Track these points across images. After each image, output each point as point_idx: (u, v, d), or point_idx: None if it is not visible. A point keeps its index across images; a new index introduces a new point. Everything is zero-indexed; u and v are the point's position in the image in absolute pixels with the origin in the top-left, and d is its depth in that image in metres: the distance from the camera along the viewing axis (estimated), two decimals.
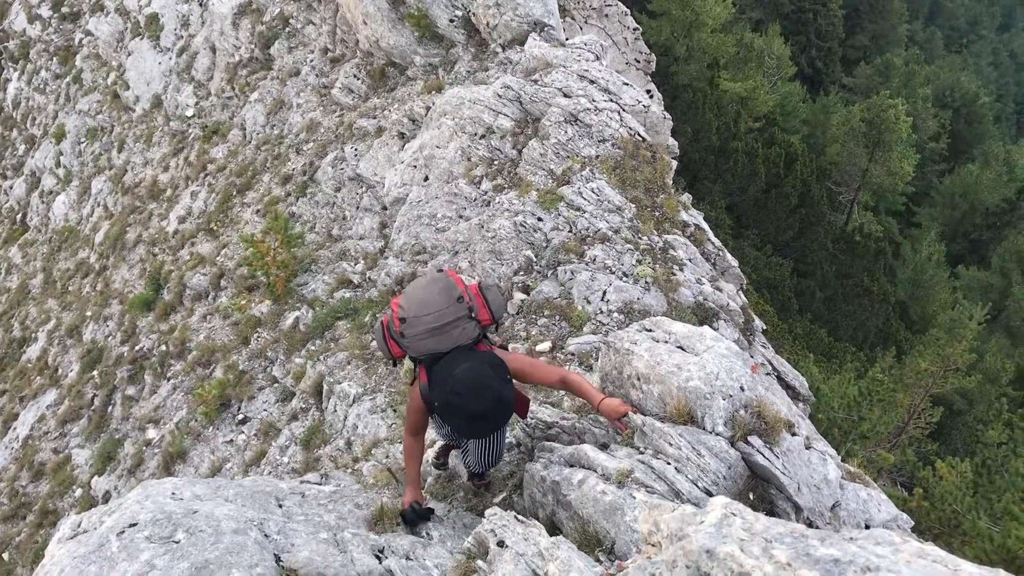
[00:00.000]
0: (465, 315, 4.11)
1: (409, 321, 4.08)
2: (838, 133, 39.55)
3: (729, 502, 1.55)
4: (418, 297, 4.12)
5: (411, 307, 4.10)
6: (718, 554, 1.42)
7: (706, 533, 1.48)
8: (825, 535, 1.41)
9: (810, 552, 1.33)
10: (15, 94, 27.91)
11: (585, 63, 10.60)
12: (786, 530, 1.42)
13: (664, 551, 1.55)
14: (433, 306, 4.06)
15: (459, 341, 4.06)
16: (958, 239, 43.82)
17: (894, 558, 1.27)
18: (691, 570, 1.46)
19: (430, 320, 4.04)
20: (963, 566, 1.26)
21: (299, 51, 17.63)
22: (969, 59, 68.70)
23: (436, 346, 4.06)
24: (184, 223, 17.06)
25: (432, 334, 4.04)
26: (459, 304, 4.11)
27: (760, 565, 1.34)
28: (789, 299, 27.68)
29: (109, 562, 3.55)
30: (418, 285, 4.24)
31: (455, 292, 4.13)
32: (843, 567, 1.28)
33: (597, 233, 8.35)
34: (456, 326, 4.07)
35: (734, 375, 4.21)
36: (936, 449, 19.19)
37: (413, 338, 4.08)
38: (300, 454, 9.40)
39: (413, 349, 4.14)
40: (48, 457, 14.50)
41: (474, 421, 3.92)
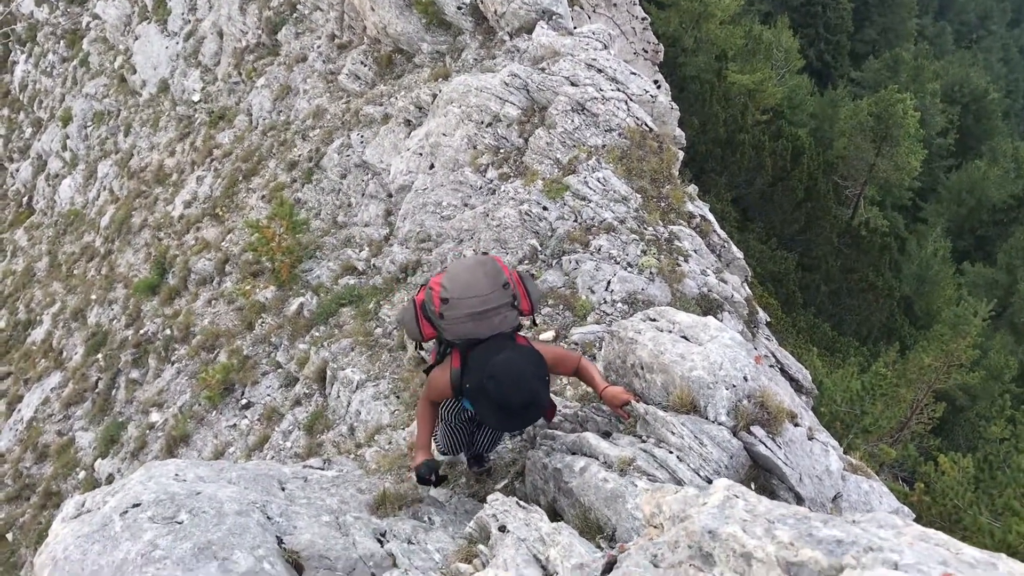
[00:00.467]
0: (508, 303, 3.99)
1: (452, 302, 3.91)
2: (845, 127, 39.36)
3: (732, 484, 1.55)
4: (463, 279, 3.95)
5: (455, 288, 3.92)
6: (720, 534, 1.43)
7: (709, 514, 1.48)
8: (828, 518, 1.41)
9: (812, 533, 1.34)
10: (22, 77, 27.92)
11: (593, 52, 10.57)
12: (789, 512, 1.43)
13: (666, 532, 1.56)
14: (478, 289, 3.91)
15: (499, 328, 3.95)
16: (964, 235, 43.67)
17: (896, 540, 1.27)
18: (693, 550, 1.46)
19: (474, 304, 3.89)
20: (965, 549, 1.26)
21: (306, 37, 17.60)
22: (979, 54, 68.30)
23: (475, 331, 3.93)
24: (190, 208, 17.07)
25: (473, 319, 3.90)
26: (504, 291, 3.97)
27: (762, 545, 1.34)
28: (793, 293, 27.62)
29: (112, 541, 3.57)
30: (463, 266, 4.06)
31: (501, 278, 3.99)
32: (845, 547, 1.29)
33: (602, 223, 8.34)
34: (498, 313, 3.94)
35: (738, 365, 4.22)
36: (938, 445, 19.19)
37: (453, 320, 3.93)
38: (303, 439, 9.43)
39: (450, 332, 4.00)
40: (52, 439, 14.56)
41: (503, 413, 3.78)
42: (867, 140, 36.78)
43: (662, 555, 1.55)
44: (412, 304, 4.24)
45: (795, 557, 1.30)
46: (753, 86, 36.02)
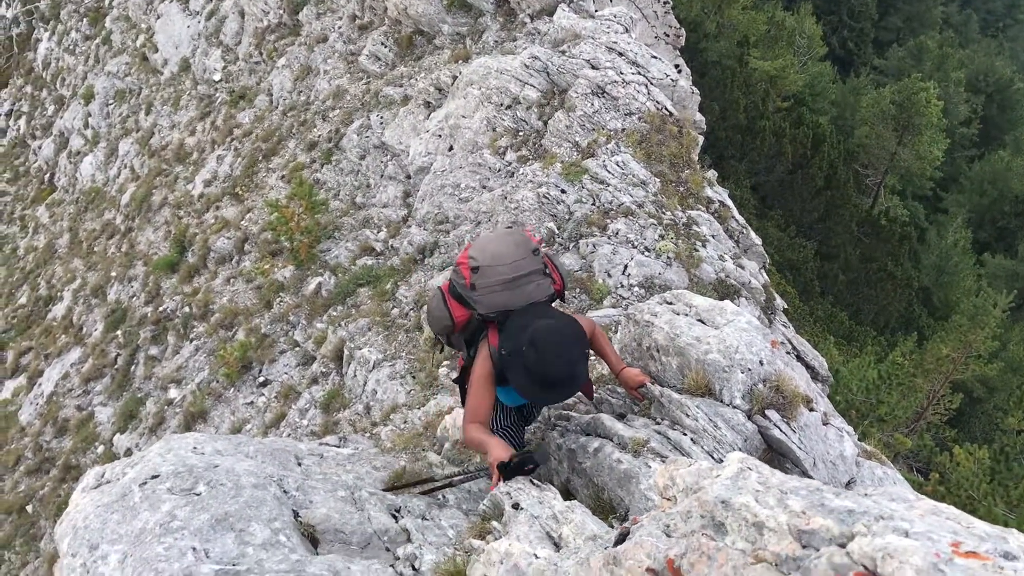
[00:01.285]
0: (540, 269, 3.82)
1: (482, 270, 3.74)
2: (867, 115, 39.02)
3: (745, 457, 1.57)
4: (491, 248, 3.80)
5: (484, 256, 3.77)
6: (733, 504, 1.44)
7: (722, 485, 1.50)
8: (840, 490, 1.43)
9: (824, 503, 1.35)
10: (45, 54, 28.07)
11: (614, 35, 10.53)
12: (801, 484, 1.44)
13: (680, 503, 1.58)
14: (508, 257, 3.75)
15: (533, 297, 3.76)
16: (985, 226, 43.24)
17: (908, 512, 1.28)
18: (706, 519, 1.48)
19: (505, 271, 3.73)
20: (976, 523, 1.28)
21: (327, 17, 17.60)
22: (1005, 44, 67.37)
23: (509, 300, 3.73)
24: (210, 187, 17.16)
25: (506, 287, 3.73)
26: (535, 257, 3.82)
27: (775, 515, 1.36)
28: (811, 281, 27.50)
29: (131, 511, 3.63)
30: (490, 238, 3.93)
31: (530, 244, 3.85)
32: (857, 516, 1.30)
33: (620, 207, 8.33)
34: (531, 280, 3.77)
35: (754, 349, 4.22)
36: (954, 436, 19.10)
37: (485, 290, 3.74)
38: (319, 417, 9.51)
39: (484, 304, 3.77)
40: (72, 414, 14.73)
41: (541, 385, 3.56)
42: (889, 129, 36.46)
43: (675, 525, 1.57)
44: (438, 291, 4.02)
45: (807, 525, 1.32)
46: (775, 72, 35.76)
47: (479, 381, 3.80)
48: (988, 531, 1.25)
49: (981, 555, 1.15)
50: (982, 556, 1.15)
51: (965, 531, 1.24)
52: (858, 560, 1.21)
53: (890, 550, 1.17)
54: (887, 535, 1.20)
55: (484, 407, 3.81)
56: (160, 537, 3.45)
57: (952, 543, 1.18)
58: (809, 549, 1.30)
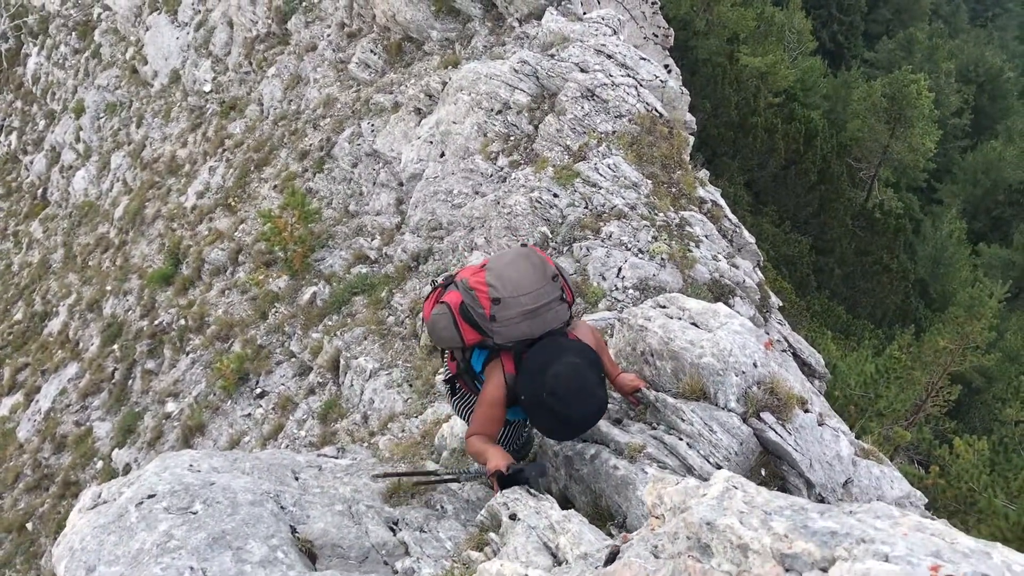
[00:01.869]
0: (559, 296, 3.66)
1: (504, 302, 3.55)
2: (859, 108, 39.07)
3: (731, 475, 1.57)
4: (511, 276, 3.60)
5: (505, 287, 3.57)
6: (718, 526, 1.44)
7: (707, 505, 1.50)
8: (825, 508, 1.43)
9: (808, 525, 1.35)
10: (35, 69, 28.04)
11: (602, 38, 10.53)
12: (786, 503, 1.44)
13: (667, 523, 1.58)
14: (528, 285, 3.58)
15: (551, 325, 3.62)
16: (980, 216, 43.33)
17: (892, 531, 1.28)
18: (692, 541, 1.48)
19: (526, 302, 3.56)
20: (960, 539, 1.28)
21: (316, 26, 17.60)
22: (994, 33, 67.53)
23: (529, 331, 3.58)
24: (202, 198, 17.15)
25: (527, 317, 3.56)
26: (554, 283, 3.65)
27: (758, 537, 1.36)
28: (807, 276, 27.54)
29: (128, 532, 3.63)
30: (505, 261, 3.71)
31: (549, 270, 3.67)
32: (839, 539, 1.30)
33: (613, 209, 8.33)
34: (550, 308, 3.62)
35: (747, 351, 4.22)
36: (954, 427, 19.12)
37: (507, 322, 3.56)
38: (317, 428, 9.50)
39: (504, 335, 3.61)
40: (70, 429, 14.71)
41: (568, 426, 3.56)
42: (881, 121, 36.50)
43: (662, 546, 1.57)
44: (446, 309, 3.76)
45: (789, 549, 1.32)
46: (765, 68, 35.77)
47: (492, 404, 3.70)
48: (972, 547, 1.25)
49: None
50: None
51: (949, 548, 1.24)
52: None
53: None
54: (867, 560, 1.21)
55: (494, 428, 3.77)
56: (157, 557, 3.45)
57: (932, 567, 1.18)
58: (792, 573, 1.30)
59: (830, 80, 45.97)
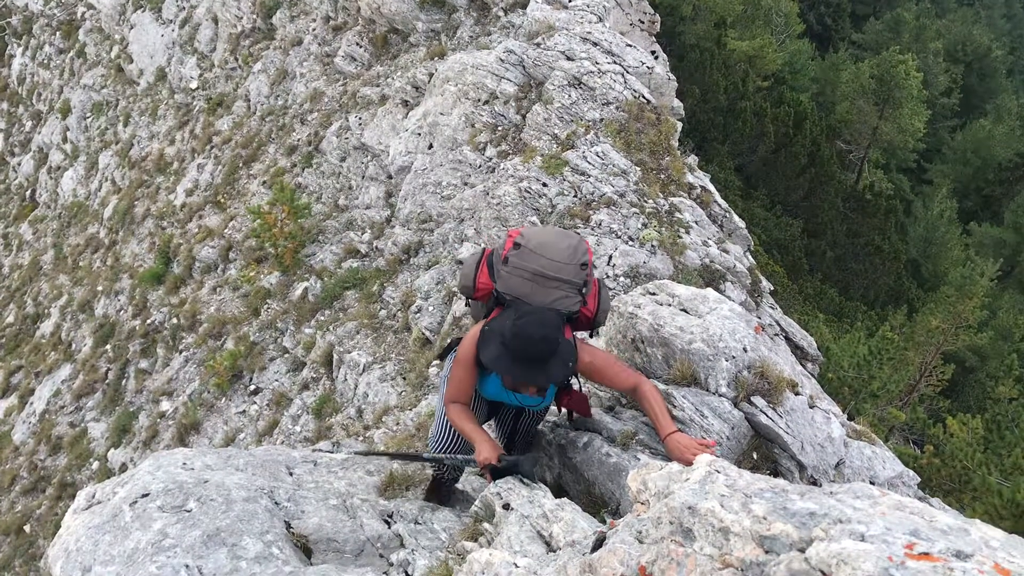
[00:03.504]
0: (577, 284, 3.58)
1: (523, 250, 3.55)
2: (847, 91, 39.02)
3: (714, 460, 1.58)
4: (545, 238, 3.61)
5: (533, 241, 3.57)
6: (699, 510, 1.45)
7: (689, 490, 1.51)
8: (806, 490, 1.44)
9: (787, 506, 1.36)
10: (20, 70, 27.87)
11: (588, 25, 10.51)
12: (767, 486, 1.45)
13: (651, 508, 1.59)
14: (555, 253, 3.54)
15: (553, 305, 3.52)
16: (970, 195, 43.36)
17: (871, 511, 1.29)
18: (674, 526, 1.49)
19: (543, 264, 3.51)
20: (939, 516, 1.29)
21: (301, 20, 17.52)
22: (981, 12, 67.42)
23: (529, 293, 3.52)
24: (191, 196, 17.09)
25: (535, 278, 3.51)
26: (580, 270, 3.59)
27: (739, 520, 1.36)
28: (799, 259, 27.55)
29: (123, 531, 3.62)
30: (550, 231, 3.74)
31: (583, 257, 3.62)
32: (817, 519, 1.31)
33: (602, 197, 8.33)
34: (560, 288, 3.53)
35: (737, 336, 4.23)
36: (948, 406, 19.18)
37: (515, 269, 3.55)
38: (312, 423, 9.50)
39: (505, 281, 3.58)
40: (65, 431, 14.69)
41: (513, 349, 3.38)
42: (870, 103, 36.49)
43: (646, 531, 1.58)
44: (480, 251, 3.85)
45: (768, 531, 1.33)
46: (753, 52, 35.70)
47: (463, 359, 3.68)
48: (951, 524, 1.27)
49: (933, 556, 1.16)
50: (934, 557, 1.16)
51: (927, 526, 1.25)
52: (816, 566, 1.23)
53: (844, 556, 1.18)
54: (843, 540, 1.22)
55: (466, 387, 3.75)
56: (152, 556, 3.45)
57: (907, 544, 1.19)
58: (771, 554, 1.31)
59: (818, 63, 45.91)
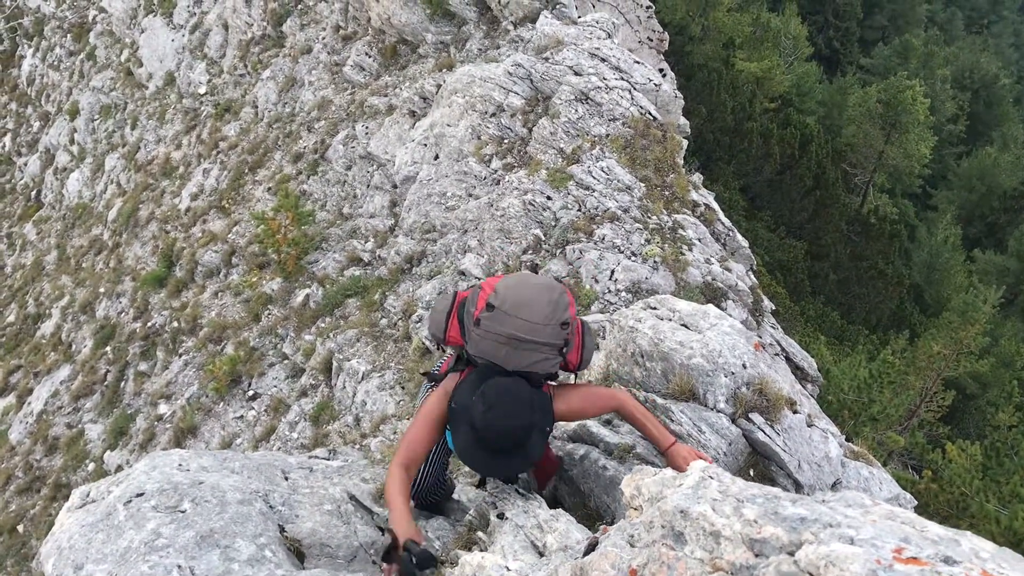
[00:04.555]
0: (558, 346, 3.21)
1: (497, 313, 3.13)
2: (854, 114, 39.16)
3: (708, 466, 1.57)
4: (522, 294, 3.18)
5: (508, 300, 3.15)
6: (691, 513, 1.45)
7: (682, 494, 1.50)
8: (797, 497, 1.44)
9: (778, 511, 1.35)
10: (29, 71, 28.00)
11: (596, 41, 10.55)
12: (760, 492, 1.45)
13: (644, 513, 1.59)
14: (532, 314, 3.13)
15: (529, 369, 3.17)
16: (975, 222, 43.41)
17: (862, 518, 1.29)
18: (666, 529, 1.49)
19: (518, 326, 3.11)
20: (930, 527, 1.28)
21: (311, 28, 17.60)
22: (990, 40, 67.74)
23: (504, 358, 3.15)
24: (196, 200, 17.13)
25: (510, 344, 3.12)
26: (560, 330, 3.20)
27: (730, 524, 1.36)
28: (802, 281, 27.56)
29: (116, 530, 3.61)
30: (528, 282, 3.27)
31: (564, 315, 3.22)
32: (807, 524, 1.30)
33: (606, 212, 8.35)
34: (539, 351, 3.16)
35: (737, 352, 4.23)
36: (948, 433, 19.14)
37: (487, 334, 3.15)
38: (309, 430, 9.49)
39: (477, 346, 3.20)
40: (62, 432, 14.66)
41: (481, 444, 3.10)
42: (876, 127, 36.61)
43: (638, 535, 1.57)
44: (452, 296, 3.49)
45: (758, 534, 1.32)
46: (761, 74, 35.89)
47: (427, 416, 3.30)
48: (941, 535, 1.26)
49: (922, 561, 1.16)
50: (922, 562, 1.16)
51: (918, 535, 1.25)
52: (804, 568, 1.22)
53: (832, 558, 1.18)
54: (832, 543, 1.21)
55: (423, 447, 3.34)
56: (145, 555, 3.43)
57: (895, 549, 1.19)
58: (761, 557, 1.31)
59: (826, 86, 46.08)
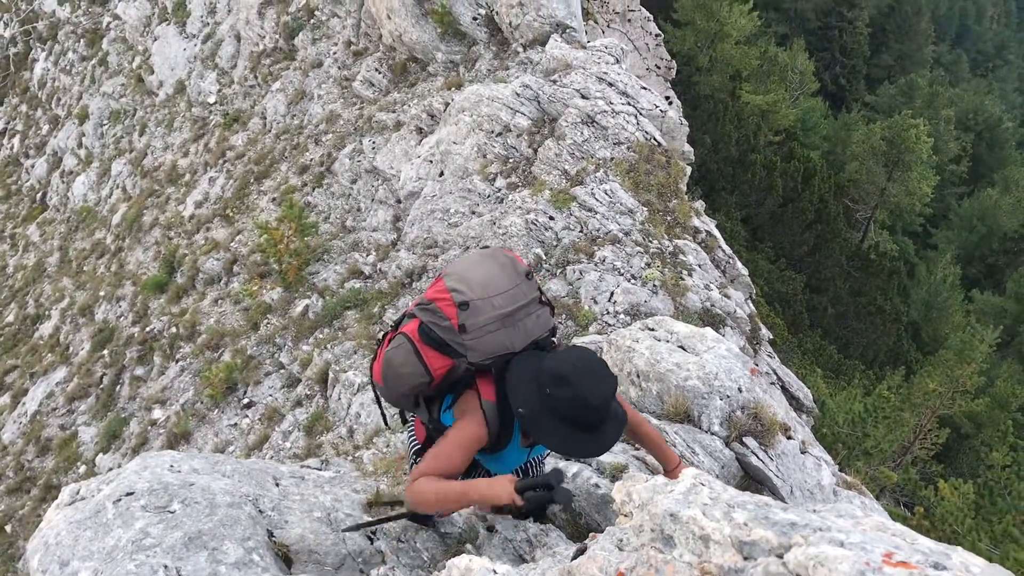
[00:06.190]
0: (537, 297, 2.96)
1: (473, 306, 2.83)
2: (858, 150, 39.36)
3: (699, 473, 1.58)
4: (477, 276, 2.89)
5: (472, 287, 2.85)
6: (681, 517, 1.46)
7: (673, 499, 1.51)
8: (789, 506, 1.45)
9: (769, 516, 1.36)
10: (41, 74, 28.15)
11: (604, 66, 10.63)
12: (751, 499, 1.46)
13: (634, 518, 1.60)
14: (500, 285, 2.87)
15: (533, 334, 2.91)
16: (974, 263, 43.56)
17: (852, 528, 1.30)
18: (655, 533, 1.49)
19: (500, 303, 2.84)
20: (920, 540, 1.29)
21: (323, 43, 17.73)
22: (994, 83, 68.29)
23: (509, 342, 2.86)
24: (201, 208, 17.17)
25: (503, 323, 2.84)
26: (529, 282, 2.94)
27: (720, 527, 1.37)
28: (800, 314, 27.60)
29: (104, 528, 3.60)
30: (469, 263, 3.01)
31: (519, 267, 2.97)
32: (798, 528, 1.31)
33: (608, 234, 8.38)
34: (529, 312, 2.90)
35: (733, 376, 4.24)
36: (941, 471, 19.09)
37: (479, 331, 2.83)
38: (302, 440, 9.46)
39: (478, 349, 2.85)
40: (55, 433, 14.62)
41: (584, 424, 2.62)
42: (879, 164, 36.80)
43: (627, 539, 1.58)
44: (403, 339, 2.99)
45: (748, 536, 1.33)
46: (766, 107, 36.11)
47: (462, 443, 2.87)
48: (932, 548, 1.27)
49: (911, 564, 1.17)
50: (912, 566, 1.16)
51: (908, 546, 1.26)
52: (793, 569, 1.23)
53: (821, 559, 1.19)
54: (822, 545, 1.22)
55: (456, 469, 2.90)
56: (132, 554, 3.43)
57: (885, 553, 1.20)
58: (750, 560, 1.31)
59: (830, 121, 46.37)
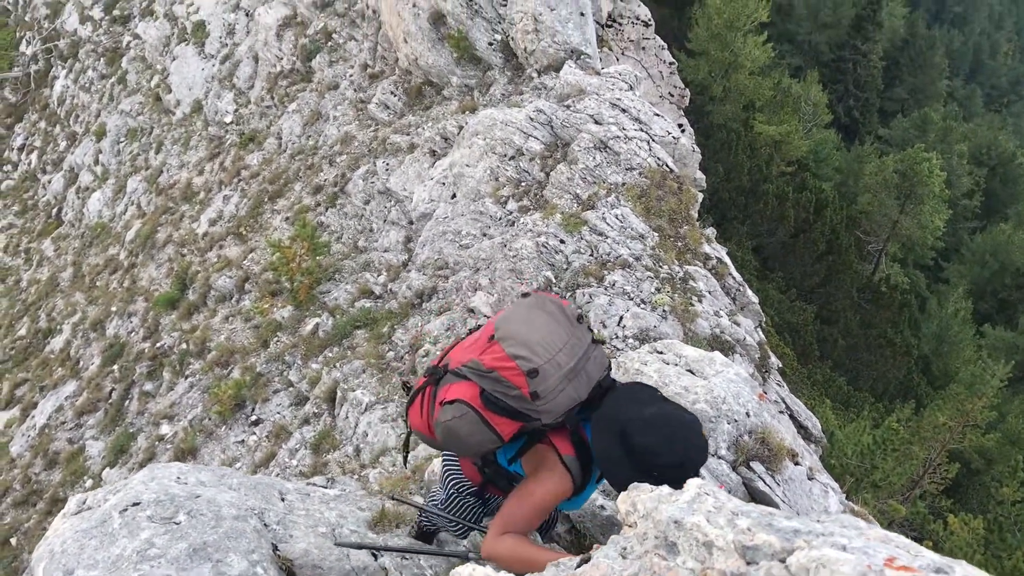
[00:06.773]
0: (591, 339, 2.89)
1: (543, 371, 2.71)
2: (870, 183, 39.33)
3: (704, 483, 1.59)
4: (535, 337, 2.78)
5: (536, 352, 2.74)
6: (685, 524, 1.46)
7: (677, 507, 1.52)
8: (792, 515, 1.45)
9: (772, 523, 1.37)
10: (61, 91, 28.49)
11: (618, 92, 10.70)
12: (755, 508, 1.46)
13: (638, 527, 1.60)
14: (559, 340, 2.79)
15: (595, 378, 2.84)
16: (986, 298, 43.32)
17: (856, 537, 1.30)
18: (659, 540, 1.50)
19: (564, 360, 2.75)
20: (924, 553, 1.29)
21: (339, 65, 17.91)
22: (1008, 119, 68.25)
23: (576, 394, 2.79)
24: (214, 226, 17.30)
25: (569, 379, 2.76)
26: (582, 326, 2.88)
27: (723, 534, 1.37)
28: (810, 345, 27.46)
29: (110, 538, 3.61)
30: (521, 319, 2.87)
31: (571, 312, 2.91)
32: (801, 534, 1.32)
33: (618, 259, 8.39)
34: (588, 358, 2.83)
35: (741, 400, 4.24)
36: (950, 506, 18.91)
37: (551, 394, 2.72)
38: (309, 458, 9.46)
39: (553, 412, 2.76)
40: (63, 447, 14.65)
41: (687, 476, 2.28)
42: (891, 197, 36.74)
43: (631, 547, 1.59)
44: (465, 407, 2.81)
45: (751, 541, 1.33)
46: (779, 137, 36.14)
47: (548, 500, 2.82)
48: (936, 560, 1.27)
49: (913, 568, 1.17)
50: (914, 570, 1.16)
51: (911, 557, 1.26)
52: (795, 572, 1.23)
53: (823, 561, 1.19)
54: (824, 548, 1.22)
55: (532, 529, 2.88)
56: (136, 564, 3.43)
57: (887, 558, 1.20)
58: (753, 565, 1.32)
59: (843, 153, 46.38)
